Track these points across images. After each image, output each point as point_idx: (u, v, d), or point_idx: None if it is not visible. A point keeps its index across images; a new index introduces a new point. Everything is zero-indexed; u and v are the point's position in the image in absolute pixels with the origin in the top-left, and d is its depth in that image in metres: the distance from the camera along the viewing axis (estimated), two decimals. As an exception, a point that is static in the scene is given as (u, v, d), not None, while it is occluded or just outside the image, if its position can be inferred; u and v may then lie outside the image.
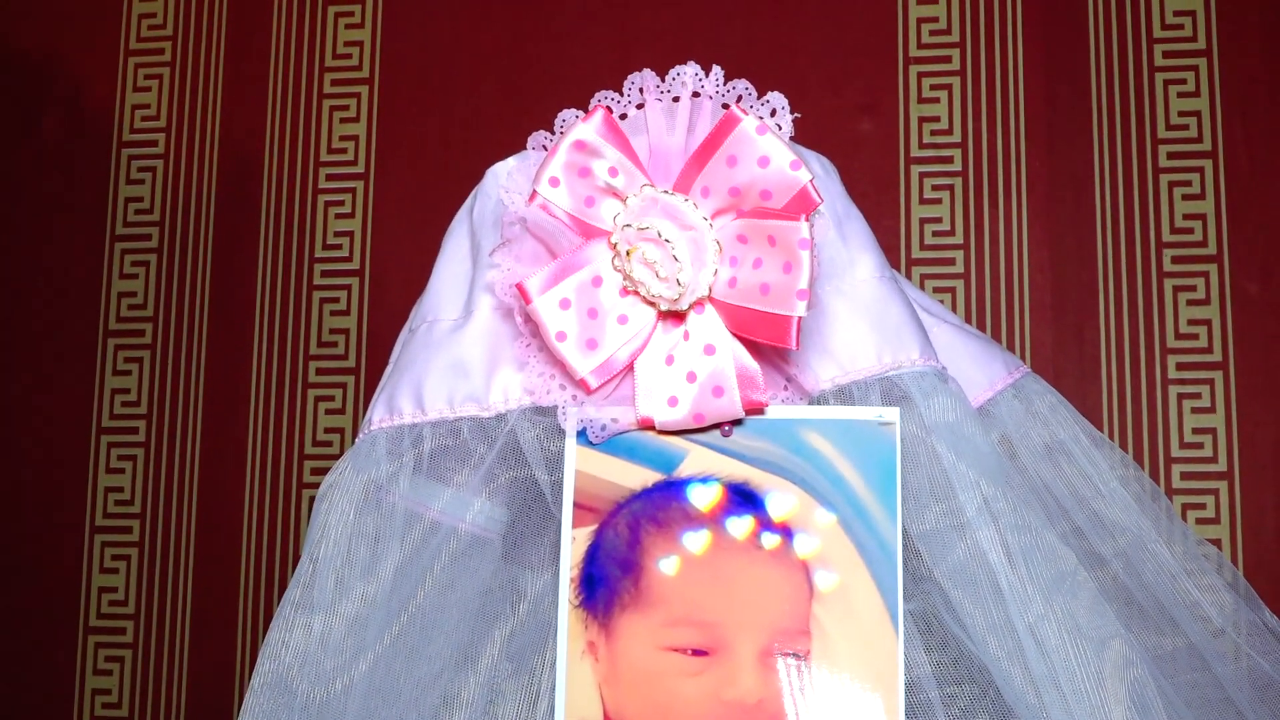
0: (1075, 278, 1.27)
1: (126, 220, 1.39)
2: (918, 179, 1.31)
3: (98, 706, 1.33)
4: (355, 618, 0.75)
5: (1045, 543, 0.75)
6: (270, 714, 0.75)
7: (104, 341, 1.38)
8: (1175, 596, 0.83)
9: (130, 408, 1.37)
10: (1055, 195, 1.28)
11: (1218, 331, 1.25)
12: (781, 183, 0.70)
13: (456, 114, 1.36)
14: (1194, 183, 1.27)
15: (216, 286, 1.37)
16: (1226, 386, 1.24)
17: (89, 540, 1.36)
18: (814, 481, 0.73)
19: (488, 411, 0.77)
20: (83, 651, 1.35)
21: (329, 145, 1.38)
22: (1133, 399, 1.25)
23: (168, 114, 1.41)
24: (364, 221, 1.37)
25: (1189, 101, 1.28)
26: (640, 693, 0.71)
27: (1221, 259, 1.26)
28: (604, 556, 0.72)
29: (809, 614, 0.71)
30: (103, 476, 1.36)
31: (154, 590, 1.34)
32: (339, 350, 1.35)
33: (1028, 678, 0.72)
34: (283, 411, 1.35)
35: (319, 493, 0.79)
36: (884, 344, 0.77)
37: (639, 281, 0.72)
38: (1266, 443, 1.23)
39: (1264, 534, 1.21)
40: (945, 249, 1.29)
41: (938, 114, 1.32)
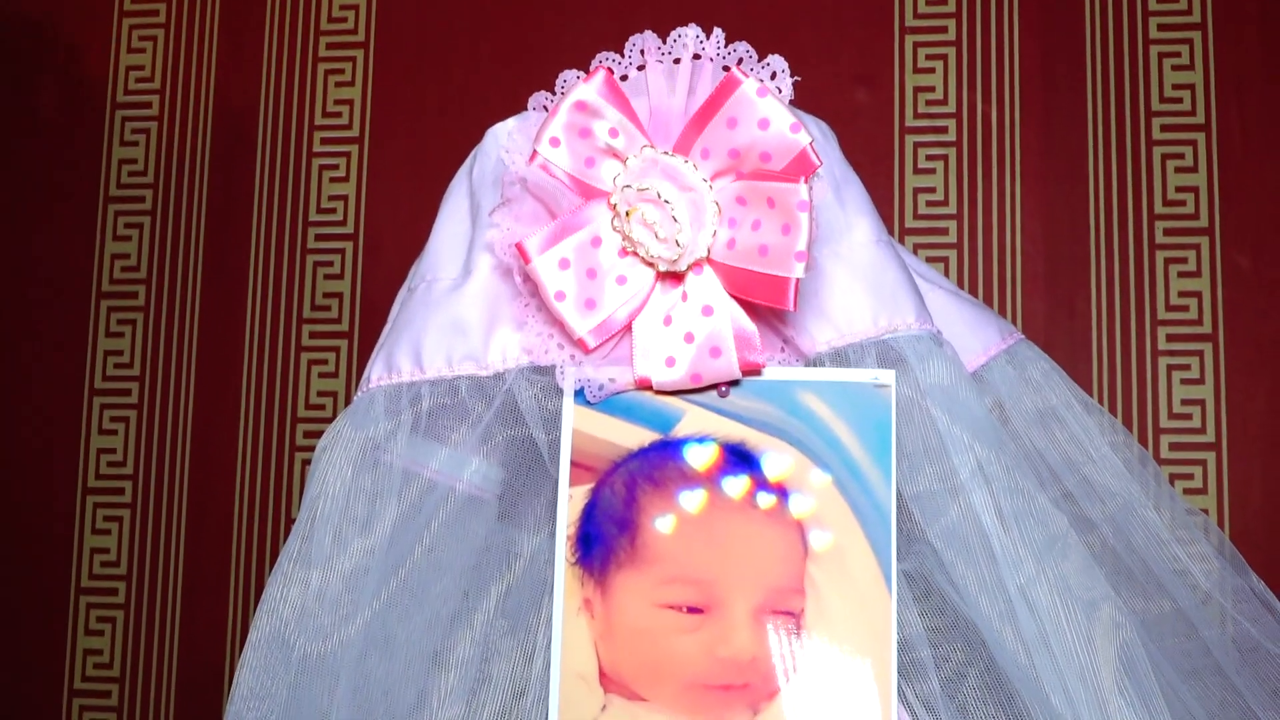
0: (1067, 249, 1.28)
1: (120, 182, 1.39)
2: (912, 149, 1.31)
3: (89, 667, 1.34)
4: (352, 574, 0.76)
5: (1037, 506, 0.76)
6: (267, 668, 0.76)
7: (97, 303, 1.38)
8: (1163, 561, 0.83)
9: (123, 369, 1.37)
10: (1048, 166, 1.29)
11: (1208, 304, 1.26)
12: (781, 145, 0.71)
13: (453, 78, 1.36)
14: (1187, 155, 1.27)
15: (210, 249, 1.37)
16: (1216, 359, 1.25)
17: (81, 501, 1.36)
18: (809, 442, 0.73)
19: (486, 370, 0.77)
20: (74, 612, 1.35)
21: (323, 108, 1.38)
22: (1123, 370, 1.25)
23: (162, 76, 1.41)
24: (358, 185, 1.37)
25: (1183, 75, 1.28)
26: (635, 649, 0.71)
27: (1213, 232, 1.26)
28: (600, 515, 0.73)
29: (803, 573, 0.71)
30: (95, 438, 1.36)
31: (146, 551, 1.34)
32: (332, 314, 1.35)
33: (1018, 638, 0.73)
34: (276, 375, 1.35)
35: (316, 450, 0.79)
36: (880, 308, 0.77)
37: (638, 242, 0.73)
38: (1255, 415, 1.24)
39: (1250, 505, 1.22)
40: (938, 219, 1.30)
41: (933, 84, 1.32)
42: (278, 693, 0.75)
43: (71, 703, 1.34)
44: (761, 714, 0.70)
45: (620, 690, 0.71)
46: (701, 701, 0.70)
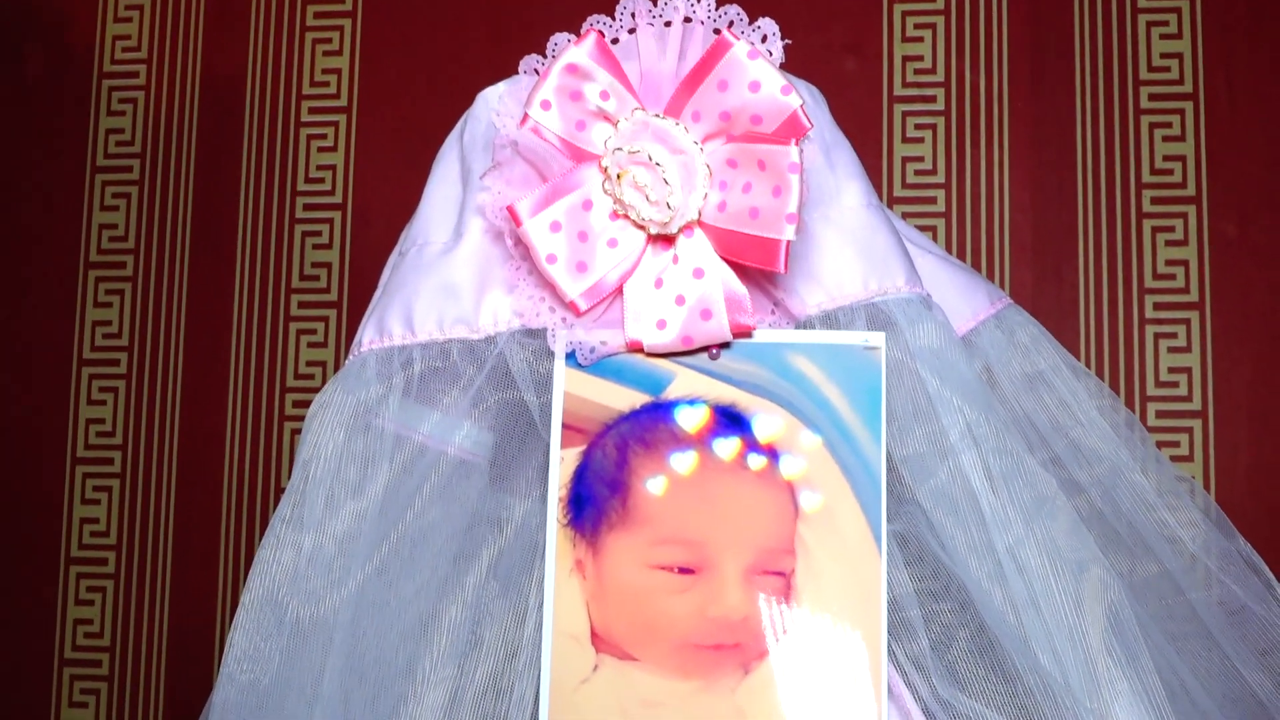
0: (1055, 217, 1.28)
1: (107, 152, 1.39)
2: (900, 118, 1.32)
3: (80, 636, 1.34)
4: (345, 537, 0.76)
5: (1026, 467, 0.76)
6: (260, 630, 0.76)
7: (85, 273, 1.38)
8: (1150, 524, 0.84)
9: (111, 339, 1.37)
10: (1037, 135, 1.29)
11: (1195, 272, 1.26)
12: (772, 108, 0.71)
13: (441, 46, 1.36)
14: (1174, 124, 1.28)
15: (198, 219, 1.37)
16: (1203, 327, 1.26)
17: (70, 472, 1.36)
18: (800, 404, 0.73)
19: (477, 334, 0.77)
20: (64, 582, 1.35)
21: (311, 78, 1.38)
22: (1110, 338, 1.26)
23: (149, 45, 1.40)
24: (346, 155, 1.37)
25: (1171, 44, 1.29)
26: (627, 609, 0.72)
27: (1200, 201, 1.27)
28: (592, 477, 0.73)
29: (794, 534, 0.72)
30: (84, 408, 1.36)
31: (135, 521, 1.35)
32: (321, 284, 1.35)
33: (1007, 598, 0.73)
34: (264, 344, 1.35)
35: (308, 414, 0.79)
36: (870, 271, 0.77)
37: (629, 205, 0.73)
38: (1241, 383, 1.25)
39: (1236, 472, 1.23)
40: (927, 188, 1.30)
41: (921, 53, 1.32)
42: (270, 654, 0.75)
43: (62, 672, 1.34)
44: (752, 673, 0.70)
45: (612, 650, 0.71)
46: (693, 661, 0.71)
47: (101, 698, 1.34)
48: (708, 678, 0.70)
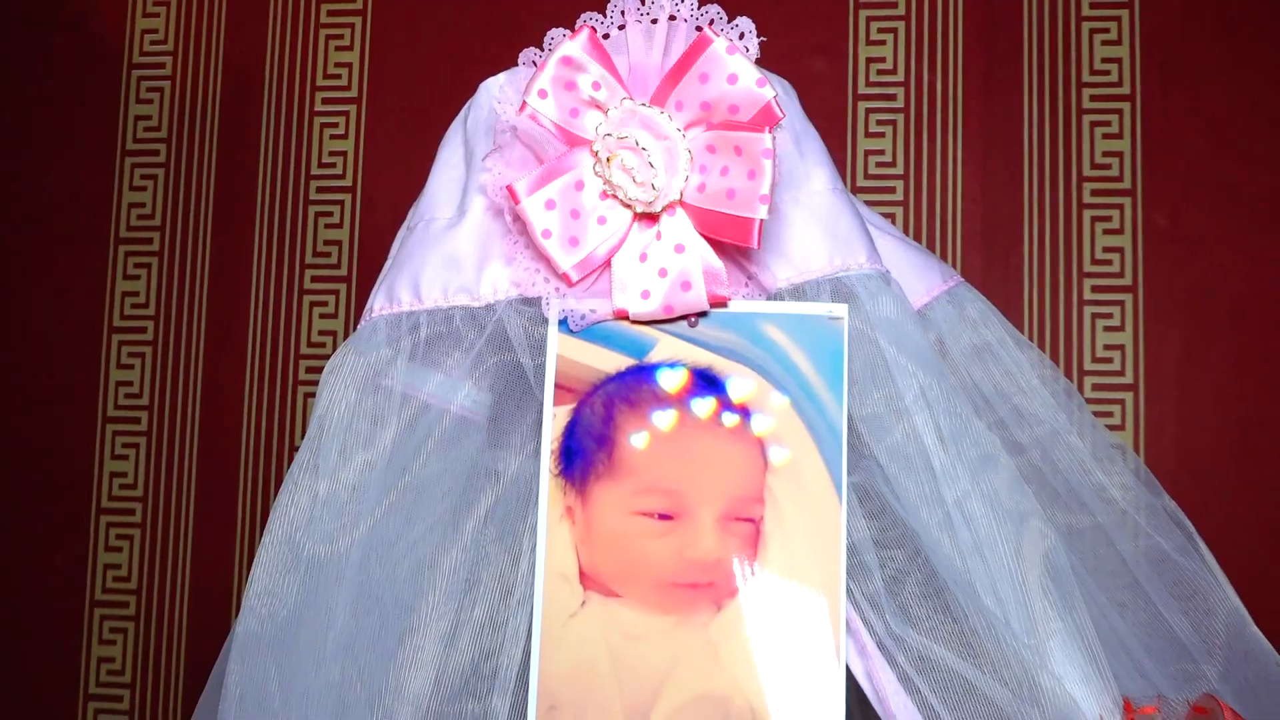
0: (1003, 207, 1.29)
1: (136, 137, 1.39)
2: (863, 114, 1.32)
3: (109, 580, 1.35)
4: (356, 484, 0.76)
5: (973, 428, 0.77)
6: (278, 568, 0.76)
7: (115, 249, 1.38)
8: (1085, 482, 0.85)
9: (139, 309, 1.37)
10: (987, 131, 1.30)
11: (1129, 258, 1.28)
12: (748, 98, 0.72)
13: (445, 43, 1.36)
14: (1113, 123, 1.29)
15: (220, 199, 1.37)
16: (1135, 308, 1.27)
17: (101, 430, 1.37)
18: (770, 368, 0.74)
19: (478, 302, 0.78)
20: (95, 531, 1.36)
21: (324, 71, 1.38)
22: (1051, 317, 1.27)
23: (175, 39, 1.40)
24: (356, 142, 1.37)
25: (1111, 49, 1.30)
26: (612, 552, 0.72)
27: (1135, 193, 1.28)
28: (581, 432, 0.74)
29: (763, 484, 0.73)
30: (114, 372, 1.37)
31: (161, 475, 1.35)
32: (332, 260, 1.35)
33: (954, 545, 0.74)
34: (280, 315, 1.35)
35: (324, 372, 0.79)
36: (835, 249, 0.78)
37: (617, 186, 0.73)
38: (1169, 359, 1.26)
39: (1164, 440, 1.25)
40: (887, 179, 1.31)
41: (884, 55, 1.33)
42: (288, 590, 0.76)
43: (93, 612, 1.35)
44: (724, 609, 0.71)
45: (598, 588, 0.72)
46: (671, 598, 0.71)
47: (129, 636, 1.34)
48: (684, 613, 0.71)
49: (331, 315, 1.34)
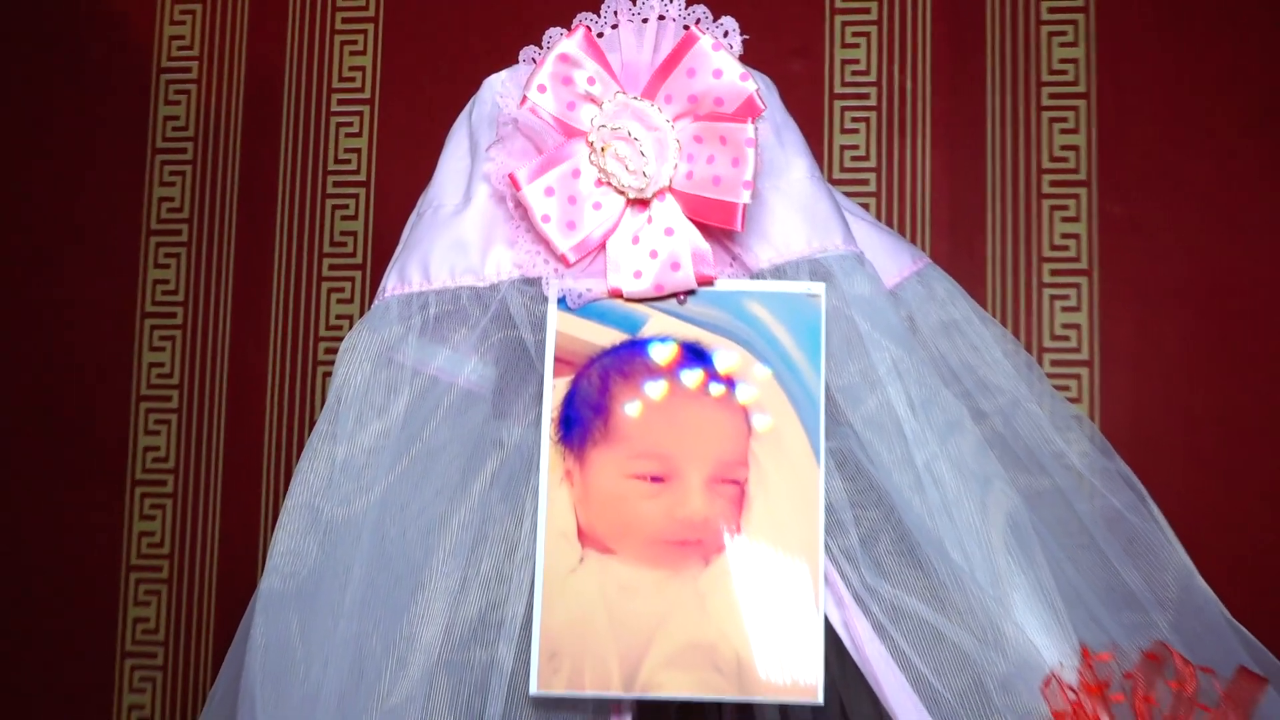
0: (968, 197, 1.29)
1: (165, 136, 1.39)
2: (839, 112, 1.32)
3: (144, 546, 1.35)
4: (371, 450, 0.76)
5: (941, 397, 0.77)
6: (300, 530, 0.76)
7: (146, 239, 1.38)
8: (1045, 447, 0.84)
9: (169, 295, 1.37)
10: (953, 127, 1.30)
11: (1085, 244, 1.28)
12: (732, 91, 0.72)
13: (451, 48, 1.36)
14: (1070, 119, 1.29)
15: (243, 193, 1.37)
16: (1091, 290, 1.27)
17: (135, 407, 1.37)
18: (753, 342, 0.74)
19: (483, 282, 0.77)
20: (130, 501, 1.36)
21: (340, 74, 1.38)
22: (1013, 298, 1.27)
23: (200, 45, 1.40)
24: (370, 141, 1.37)
25: (1068, 50, 1.30)
26: (608, 512, 0.72)
27: (1091, 184, 1.28)
28: (579, 401, 0.73)
29: (747, 449, 0.73)
30: (146, 354, 1.37)
31: (191, 449, 1.35)
32: (348, 250, 1.35)
33: (924, 505, 0.74)
34: (300, 300, 1.35)
35: (341, 349, 0.79)
36: (813, 232, 0.78)
37: (611, 173, 0.73)
38: (1122, 338, 1.26)
39: (1118, 411, 1.25)
40: (861, 171, 1.31)
41: (858, 58, 1.33)
42: (308, 550, 0.76)
43: (129, 576, 1.35)
44: (711, 564, 0.71)
45: (595, 545, 0.72)
46: (662, 554, 0.71)
47: (162, 597, 1.34)
48: (674, 568, 0.71)
49: (348, 300, 1.34)
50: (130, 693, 1.34)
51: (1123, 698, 0.73)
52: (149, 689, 1.34)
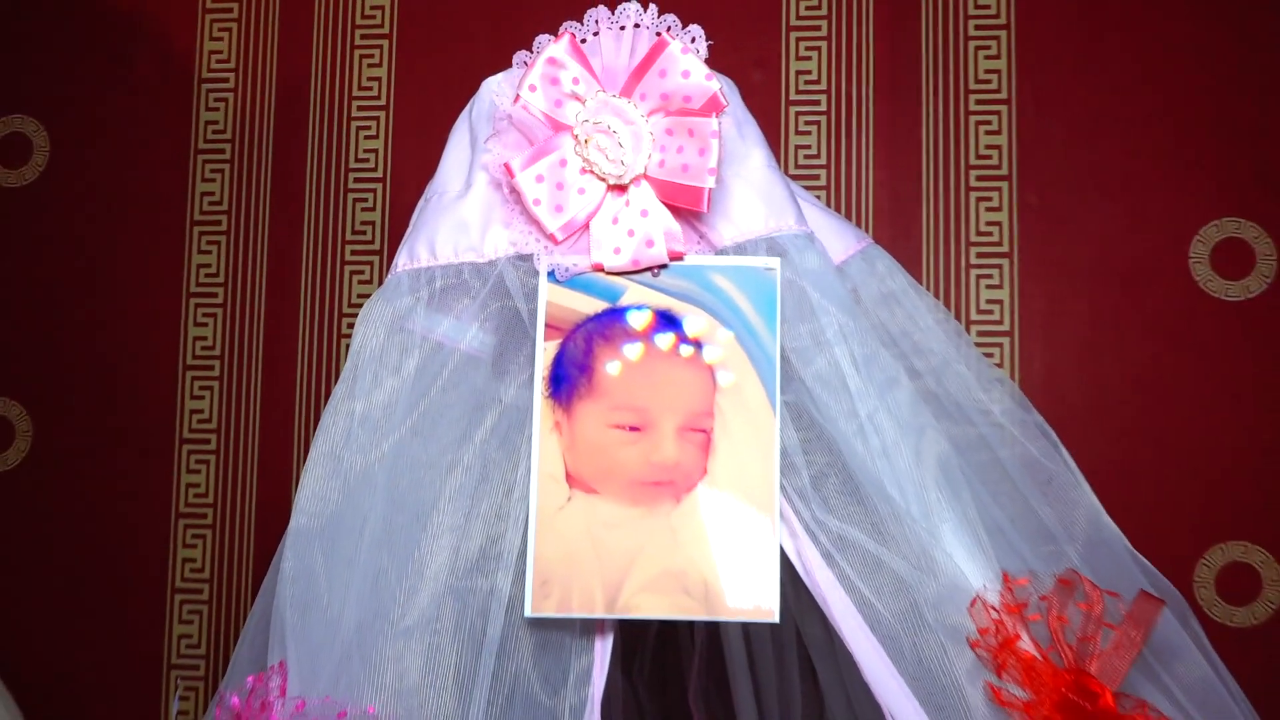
0: (906, 190, 1.29)
1: (206, 138, 1.37)
2: (794, 116, 1.32)
3: (190, 496, 1.34)
4: (386, 404, 0.76)
5: (881, 358, 0.77)
6: (324, 477, 0.76)
7: (190, 229, 1.37)
8: (971, 401, 0.84)
9: (211, 278, 1.36)
10: (893, 130, 1.30)
11: (1006, 231, 1.28)
12: (698, 90, 0.71)
13: (456, 60, 1.35)
14: (994, 122, 1.29)
15: (275, 188, 1.36)
16: (1011, 271, 1.27)
17: (181, 375, 1.36)
18: (718, 309, 0.73)
19: (483, 258, 0.77)
20: (178, 458, 1.35)
21: (359, 84, 1.36)
22: (944, 278, 1.27)
23: (237, 59, 1.38)
24: (386, 142, 1.35)
25: (992, 63, 1.29)
26: (592, 457, 0.72)
27: (1011, 178, 1.28)
28: (567, 361, 0.73)
29: (713, 402, 0.72)
30: (191, 329, 1.36)
31: (231, 412, 1.34)
32: (367, 237, 1.34)
33: (866, 450, 0.74)
34: (326, 281, 1.34)
35: (358, 318, 0.79)
36: (770, 214, 0.77)
37: (593, 162, 0.73)
38: (1038, 312, 1.26)
39: (1034, 373, 1.25)
40: (813, 168, 1.30)
41: (810, 69, 1.32)
42: (331, 493, 0.76)
43: (178, 523, 1.34)
44: (682, 502, 0.71)
45: (581, 486, 0.71)
46: (639, 493, 0.71)
47: (207, 540, 1.34)
48: (649, 505, 0.71)
49: (367, 281, 1.33)
50: (180, 624, 1.33)
51: (1039, 617, 0.73)
52: (195, 620, 1.33)
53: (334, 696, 0.71)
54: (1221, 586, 1.22)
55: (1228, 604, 1.22)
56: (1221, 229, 1.25)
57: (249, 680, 0.74)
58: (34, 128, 1.39)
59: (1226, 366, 1.24)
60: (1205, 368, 1.24)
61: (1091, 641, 0.72)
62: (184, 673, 1.33)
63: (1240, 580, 1.22)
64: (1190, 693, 0.77)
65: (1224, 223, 1.25)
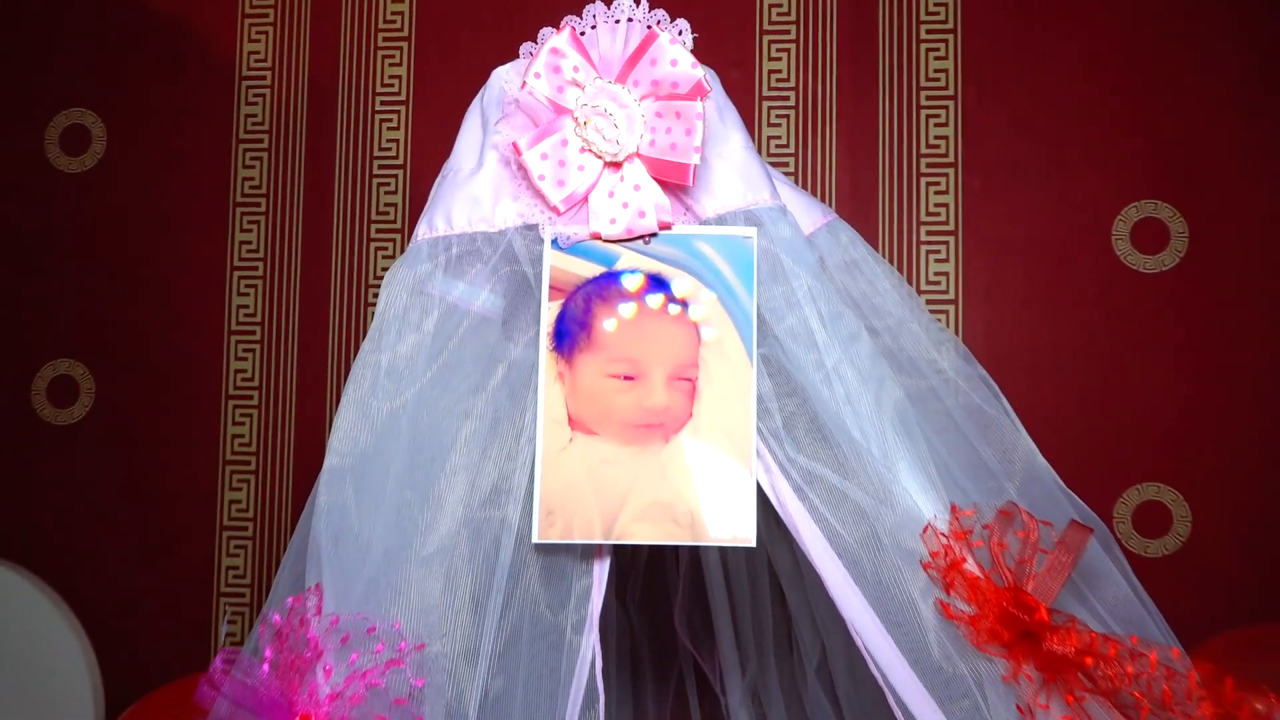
0: (864, 176, 1.28)
1: (246, 129, 1.36)
2: (766, 111, 1.30)
3: (235, 445, 1.33)
4: (408, 356, 0.75)
5: (844, 316, 0.76)
6: (354, 422, 0.75)
7: (233, 209, 1.35)
8: (923, 356, 0.83)
9: (252, 254, 1.34)
10: (854, 123, 1.29)
11: (953, 212, 1.27)
12: (685, 77, 0.70)
13: (469, 58, 1.33)
14: (942, 115, 1.28)
15: (309, 174, 1.34)
16: (957, 247, 1.27)
17: (226, 339, 1.34)
18: (702, 273, 0.73)
19: (493, 228, 0.76)
20: (224, 412, 1.34)
21: (382, 81, 1.35)
22: (898, 253, 1.27)
23: (272, 59, 1.36)
24: (406, 133, 1.34)
25: (941, 63, 1.28)
26: (591, 403, 0.71)
27: (957, 165, 1.27)
28: (568, 319, 0.72)
29: (698, 355, 0.72)
30: (235, 299, 1.34)
31: (270, 371, 1.33)
32: (390, 218, 1.33)
33: (832, 396, 0.73)
34: (354, 256, 1.33)
35: (383, 282, 0.78)
36: (748, 189, 0.76)
37: (591, 142, 0.72)
38: (980, 284, 1.26)
39: (977, 336, 1.25)
40: (783, 156, 1.29)
41: (781, 69, 1.31)
42: (360, 436, 0.75)
43: (224, 469, 1.33)
44: (670, 442, 0.71)
45: (581, 429, 0.71)
46: (633, 434, 0.71)
47: (251, 485, 1.33)
48: (642, 445, 0.71)
49: (390, 256, 1.32)
50: (228, 557, 1.33)
51: (982, 543, 0.73)
52: (241, 554, 1.33)
53: (364, 613, 0.70)
54: (1137, 522, 1.22)
55: (1143, 537, 1.22)
56: (1141, 210, 1.24)
57: (289, 601, 0.73)
58: (92, 120, 1.37)
59: (1144, 331, 1.24)
60: (1125, 332, 1.24)
61: (1028, 564, 0.72)
62: (232, 600, 1.32)
63: (1154, 517, 1.22)
64: (1113, 611, 0.77)
65: (1143, 204, 1.24)
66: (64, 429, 1.35)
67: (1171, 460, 1.22)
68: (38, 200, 1.36)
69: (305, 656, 0.70)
